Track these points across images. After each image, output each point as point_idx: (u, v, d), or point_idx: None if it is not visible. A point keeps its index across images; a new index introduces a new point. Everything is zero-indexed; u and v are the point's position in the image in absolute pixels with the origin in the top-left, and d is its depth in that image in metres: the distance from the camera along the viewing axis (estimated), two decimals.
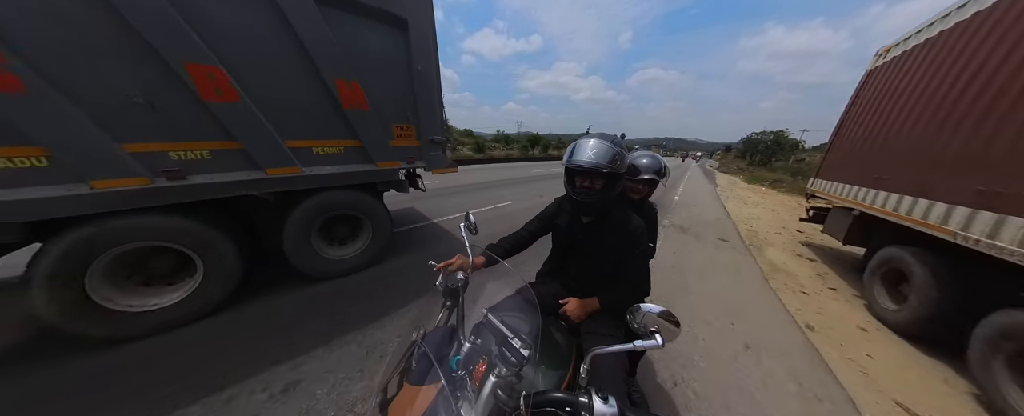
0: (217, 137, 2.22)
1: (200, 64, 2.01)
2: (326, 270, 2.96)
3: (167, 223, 2.13)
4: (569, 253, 1.38)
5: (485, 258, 1.19)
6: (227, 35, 2.09)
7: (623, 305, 0.86)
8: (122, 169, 1.94)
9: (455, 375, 0.70)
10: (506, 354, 0.64)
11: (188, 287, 2.29)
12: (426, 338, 0.81)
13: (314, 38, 2.37)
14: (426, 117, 3.25)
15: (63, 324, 1.89)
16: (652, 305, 0.76)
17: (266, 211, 2.74)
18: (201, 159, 2.21)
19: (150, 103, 1.97)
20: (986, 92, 2.52)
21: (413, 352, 0.79)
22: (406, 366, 0.78)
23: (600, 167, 1.05)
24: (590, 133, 1.11)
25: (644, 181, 1.54)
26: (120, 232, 2.00)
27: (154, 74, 1.94)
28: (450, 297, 0.94)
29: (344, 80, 2.59)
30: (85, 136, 1.82)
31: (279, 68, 2.35)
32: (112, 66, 1.83)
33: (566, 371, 0.95)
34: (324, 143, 2.71)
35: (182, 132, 2.11)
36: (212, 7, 2.02)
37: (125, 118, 1.92)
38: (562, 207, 1.37)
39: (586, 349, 0.81)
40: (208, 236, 2.28)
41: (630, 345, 0.72)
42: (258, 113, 2.29)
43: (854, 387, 2.08)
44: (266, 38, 2.25)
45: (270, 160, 2.42)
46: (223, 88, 2.12)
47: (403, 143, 3.18)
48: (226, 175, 2.30)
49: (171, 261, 2.31)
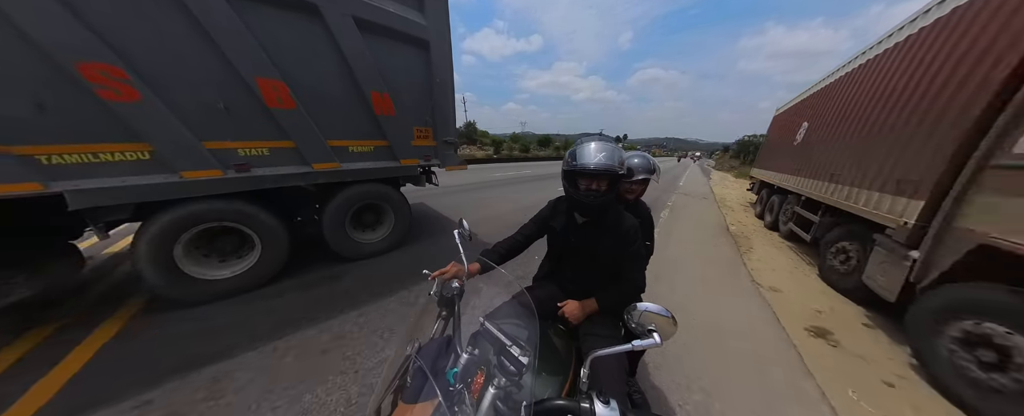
0: (275, 137, 2.68)
1: (268, 79, 2.47)
2: (358, 251, 3.45)
3: (235, 207, 2.59)
4: (565, 255, 1.37)
5: (480, 265, 1.17)
6: (290, 55, 2.55)
7: (621, 304, 0.85)
8: (204, 162, 2.40)
9: (453, 389, 0.66)
10: (505, 363, 0.63)
11: (248, 263, 2.75)
12: (421, 351, 0.76)
13: (356, 58, 2.84)
14: (442, 121, 3.73)
15: (160, 287, 2.36)
16: (649, 304, 0.76)
17: (305, 201, 3.20)
18: (262, 155, 2.67)
19: (227, 109, 2.42)
20: (814, 134, 5.37)
21: (407, 367, 0.75)
22: (400, 383, 0.74)
23: (613, 169, 1.04)
24: (589, 136, 1.14)
25: (638, 181, 1.59)
26: (200, 213, 2.46)
27: (232, 86, 2.39)
28: (445, 306, 0.92)
29: (377, 91, 3.06)
30: (179, 135, 2.27)
31: (327, 81, 2.82)
32: (203, 80, 2.29)
33: (566, 376, 0.93)
34: (358, 143, 3.18)
35: (248, 133, 2.57)
36: (282, 32, 2.48)
37: (208, 121, 2.37)
38: (557, 209, 1.36)
39: (585, 351, 0.81)
40: (265, 219, 2.74)
41: (629, 345, 0.72)
42: (309, 118, 2.76)
43: (730, 223, 6.76)
44: (320, 58, 2.72)
45: (316, 156, 2.88)
46: (284, 98, 2.58)
47: (422, 143, 3.66)
48: (281, 168, 2.76)
49: (234, 241, 2.76)
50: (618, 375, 0.98)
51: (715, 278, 3.67)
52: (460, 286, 0.94)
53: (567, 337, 1.13)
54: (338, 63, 2.81)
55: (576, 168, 1.08)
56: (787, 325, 2.71)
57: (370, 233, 3.68)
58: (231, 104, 2.43)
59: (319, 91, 2.79)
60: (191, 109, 2.28)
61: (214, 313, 2.41)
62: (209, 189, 2.45)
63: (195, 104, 2.30)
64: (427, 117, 3.62)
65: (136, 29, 2.02)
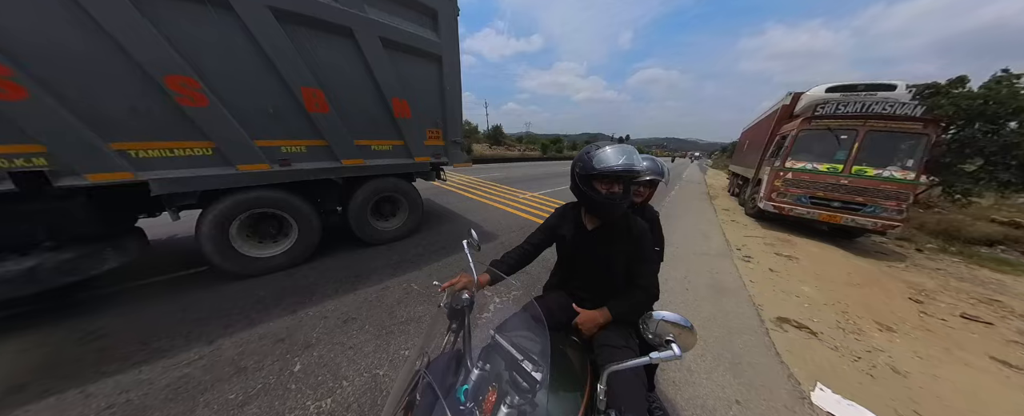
0: (312, 136, 3.13)
1: (309, 87, 2.93)
2: (378, 238, 3.92)
3: (279, 196, 3.04)
4: (576, 263, 1.32)
5: (490, 275, 1.16)
6: (326, 67, 3.01)
7: (635, 313, 0.82)
8: (255, 157, 2.85)
9: (463, 408, 0.63)
10: (517, 379, 0.61)
11: (286, 245, 3.20)
12: (430, 366, 0.76)
13: (381, 70, 3.31)
14: (450, 124, 4.20)
15: (217, 262, 2.81)
16: (665, 312, 0.73)
17: (332, 193, 3.65)
18: (300, 152, 3.12)
19: (275, 113, 2.88)
20: (746, 146, 11.33)
21: (417, 383, 0.73)
22: (410, 400, 0.72)
23: (636, 170, 1.03)
24: (599, 142, 1.12)
25: (646, 183, 1.56)
26: (251, 200, 2.91)
27: (280, 94, 2.85)
28: (455, 319, 0.91)
29: (397, 97, 3.53)
30: (236, 134, 2.72)
31: (356, 89, 3.28)
32: (258, 88, 2.74)
33: (582, 392, 0.88)
34: (380, 142, 3.64)
35: (290, 133, 3.02)
36: (321, 49, 2.94)
37: (259, 123, 2.82)
38: (565, 217, 1.33)
39: (601, 365, 0.77)
40: (302, 207, 3.19)
41: (646, 358, 0.69)
42: (340, 120, 3.21)
43: (710, 193, 11.88)
44: (351, 70, 3.18)
45: (345, 153, 3.34)
46: (321, 103, 3.04)
47: (433, 143, 4.13)
48: (316, 163, 3.21)
49: (274, 226, 3.21)
50: (638, 390, 0.92)
51: (697, 207, 8.45)
52: (470, 297, 0.91)
53: (582, 350, 1.06)
54: (365, 74, 3.28)
55: (600, 171, 1.04)
56: (719, 214, 7.38)
57: (388, 222, 4.14)
58: (278, 109, 2.88)
59: (349, 97, 3.25)
60: (246, 113, 2.73)
61: (309, 271, 2.87)
62: (258, 180, 2.90)
63: (250, 108, 2.74)
64: (438, 120, 4.09)
65: (210, 48, 2.47)
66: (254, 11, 2.53)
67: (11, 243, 2.16)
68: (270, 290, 2.77)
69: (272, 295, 2.69)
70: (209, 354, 1.98)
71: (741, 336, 2.44)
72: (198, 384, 1.74)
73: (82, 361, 1.91)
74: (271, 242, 3.19)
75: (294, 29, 2.75)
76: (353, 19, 3.00)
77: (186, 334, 2.17)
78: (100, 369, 1.84)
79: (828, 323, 2.75)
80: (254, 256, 3.00)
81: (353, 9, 2.99)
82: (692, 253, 4.37)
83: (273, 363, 1.92)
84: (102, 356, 1.95)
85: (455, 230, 4.74)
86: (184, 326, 2.25)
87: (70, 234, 2.33)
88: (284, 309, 2.48)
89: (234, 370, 1.85)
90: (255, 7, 2.53)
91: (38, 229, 2.22)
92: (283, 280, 2.96)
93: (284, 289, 2.80)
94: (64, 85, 2.05)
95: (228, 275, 2.91)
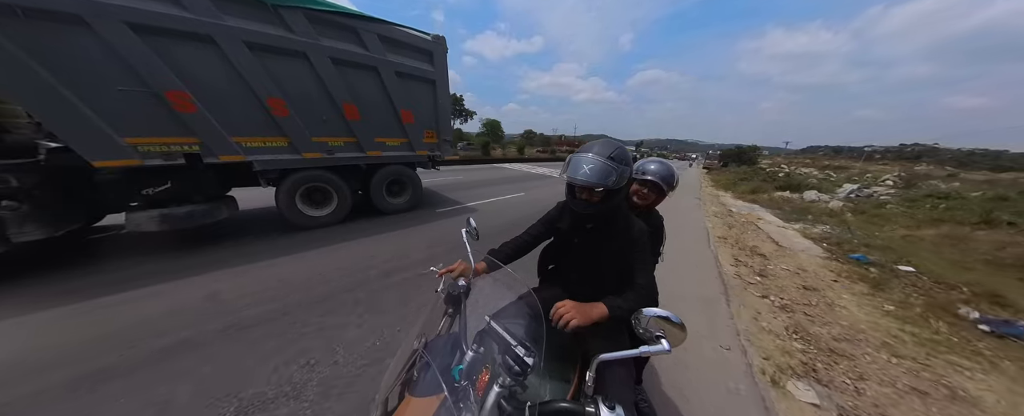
0: (346, 135, 4.64)
1: (347, 103, 4.45)
2: (390, 210, 5.42)
3: (326, 174, 4.53)
4: (572, 257, 1.33)
5: (487, 264, 1.19)
6: (358, 87, 4.55)
7: (632, 312, 0.82)
8: (313, 148, 4.33)
9: (458, 385, 0.68)
10: (510, 363, 0.63)
11: (330, 208, 4.65)
12: (428, 347, 0.79)
13: (394, 90, 4.87)
14: (442, 126, 5.76)
15: (290, 218, 4.29)
16: (656, 308, 0.75)
17: (357, 176, 5.12)
18: (339, 145, 4.62)
19: (325, 120, 4.38)
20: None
21: (415, 362, 0.77)
22: (408, 377, 0.76)
23: (593, 185, 1.00)
24: (591, 144, 1.07)
25: (647, 184, 1.48)
26: (310, 176, 4.40)
27: (330, 107, 4.36)
28: (452, 304, 0.94)
29: (404, 109, 5.07)
30: (302, 133, 4.20)
31: (377, 104, 4.82)
32: (317, 103, 4.25)
33: (572, 379, 0.91)
34: (391, 139, 5.16)
35: (334, 133, 4.52)
36: (353, 76, 4.47)
37: (316, 126, 4.31)
38: (565, 211, 1.32)
39: (591, 356, 0.78)
40: (340, 183, 4.67)
41: (636, 351, 0.71)
42: (366, 125, 4.73)
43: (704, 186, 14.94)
44: (373, 90, 4.73)
45: (369, 147, 4.84)
46: (353, 113, 4.56)
47: (429, 140, 5.68)
48: (349, 153, 4.71)
49: (321, 196, 4.66)
50: (626, 381, 0.97)
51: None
52: (467, 284, 0.96)
53: (573, 340, 1.07)
54: (383, 93, 4.83)
55: (569, 180, 1.04)
56: (703, 184, 15.19)
57: (398, 199, 5.64)
58: (328, 117, 4.39)
59: (372, 109, 4.78)
60: (310, 120, 4.23)
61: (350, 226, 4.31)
62: (314, 163, 4.40)
63: (311, 117, 4.24)
64: (432, 123, 5.65)
65: (293, 79, 3.99)
66: (319, 58, 4.06)
67: (177, 197, 3.58)
68: (331, 232, 4.23)
69: (337, 234, 4.15)
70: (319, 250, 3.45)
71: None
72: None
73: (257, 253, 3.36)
74: (320, 207, 4.64)
75: (342, 68, 4.30)
76: (379, 61, 4.58)
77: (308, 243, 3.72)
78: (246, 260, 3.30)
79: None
80: (311, 215, 4.46)
81: (379, 55, 4.57)
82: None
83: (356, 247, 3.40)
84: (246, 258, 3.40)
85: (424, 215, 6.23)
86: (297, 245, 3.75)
87: (205, 194, 3.77)
88: (345, 238, 3.97)
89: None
90: (322, 58, 4.07)
91: (192, 189, 3.65)
92: (333, 228, 4.43)
93: (344, 229, 4.27)
94: (212, 103, 3.53)
95: (295, 227, 4.34)
